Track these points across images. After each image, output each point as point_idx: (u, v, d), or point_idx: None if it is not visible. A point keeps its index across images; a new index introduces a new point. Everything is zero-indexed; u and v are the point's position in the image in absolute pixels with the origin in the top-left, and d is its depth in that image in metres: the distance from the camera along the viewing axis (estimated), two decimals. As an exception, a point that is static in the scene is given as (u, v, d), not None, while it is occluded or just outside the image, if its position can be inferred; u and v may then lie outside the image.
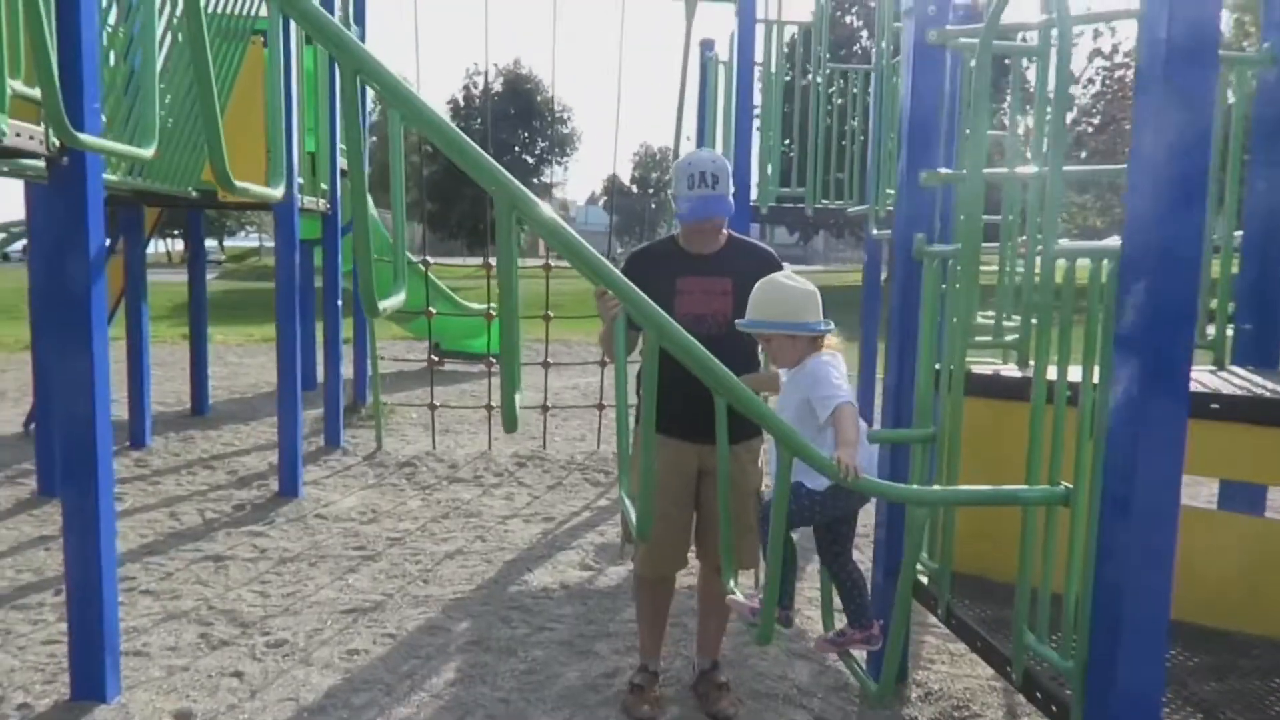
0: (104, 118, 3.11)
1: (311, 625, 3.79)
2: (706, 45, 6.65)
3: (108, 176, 3.66)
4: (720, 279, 2.97)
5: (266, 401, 9.00)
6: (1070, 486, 2.09)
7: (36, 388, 5.90)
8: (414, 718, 3.06)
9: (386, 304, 2.23)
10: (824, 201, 6.81)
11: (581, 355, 11.92)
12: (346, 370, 8.12)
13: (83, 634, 3.02)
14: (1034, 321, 3.04)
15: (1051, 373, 2.23)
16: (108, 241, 5.97)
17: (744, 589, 2.74)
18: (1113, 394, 1.88)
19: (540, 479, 6.35)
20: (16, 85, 2.35)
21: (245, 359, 12.56)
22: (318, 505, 5.55)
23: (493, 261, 8.45)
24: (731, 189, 3.00)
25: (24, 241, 6.64)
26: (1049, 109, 2.97)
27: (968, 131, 2.74)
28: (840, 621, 2.73)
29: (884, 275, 7.07)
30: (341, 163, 6.97)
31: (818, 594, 4.16)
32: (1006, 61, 10.73)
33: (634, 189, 61.62)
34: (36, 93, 2.46)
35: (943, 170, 2.77)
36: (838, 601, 2.69)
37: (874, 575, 3.31)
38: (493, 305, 7.98)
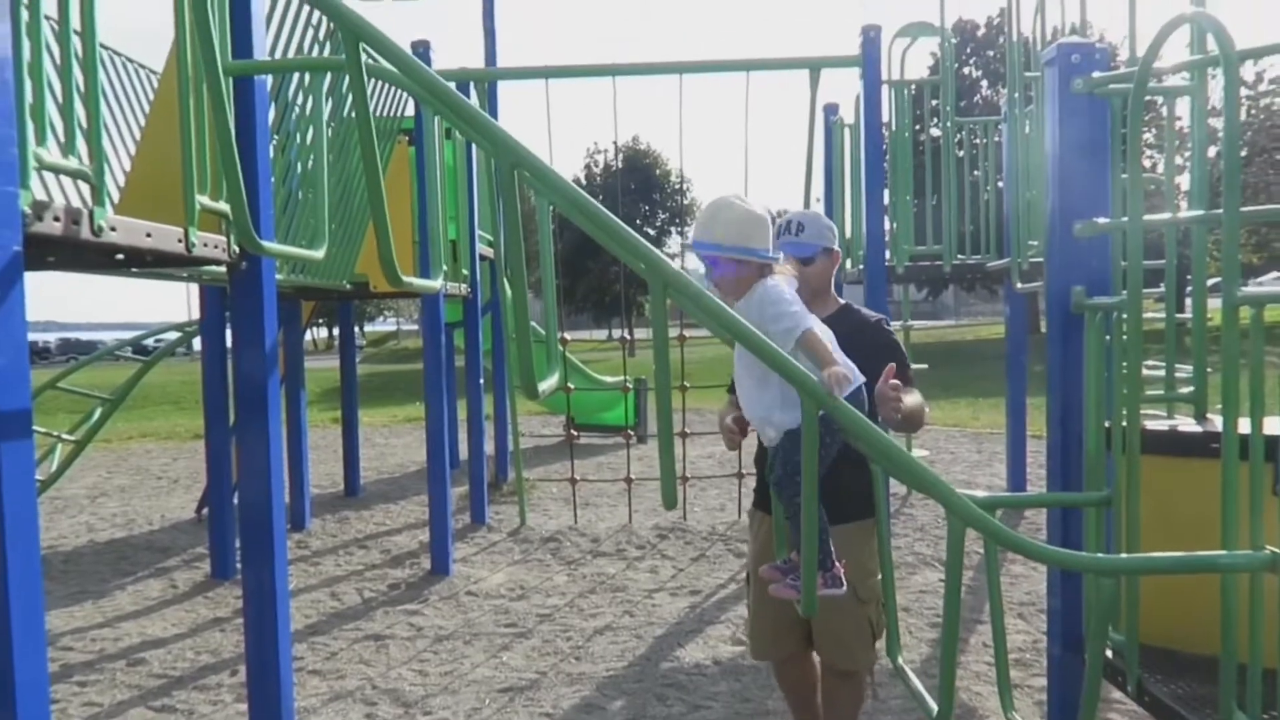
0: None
1: (470, 704, 3.84)
2: (830, 109, 6.68)
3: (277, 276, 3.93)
4: None
5: (414, 481, 9.31)
6: (1277, 551, 1.93)
7: (209, 475, 6.27)
8: (577, 799, 3.04)
9: (544, 386, 2.29)
10: (960, 257, 6.66)
11: (715, 424, 11.86)
12: (487, 447, 8.33)
13: (262, 714, 3.14)
14: (1209, 371, 2.88)
15: (1243, 425, 2.08)
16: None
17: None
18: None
19: (683, 551, 6.30)
20: (204, 200, 2.57)
21: (391, 439, 13.05)
22: (468, 582, 5.66)
23: (628, 336, 8.57)
24: (826, 242, 2.94)
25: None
26: (1207, 148, 2.84)
27: (1124, 177, 2.64)
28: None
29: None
30: (481, 248, 7.26)
31: (985, 669, 3.96)
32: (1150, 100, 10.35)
33: (755, 254, 61.65)
34: (220, 206, 2.67)
35: (1100, 220, 2.67)
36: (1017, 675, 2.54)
37: (1050, 648, 3.12)
38: (628, 379, 8.07)
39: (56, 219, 2.06)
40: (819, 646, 2.94)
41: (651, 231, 41.54)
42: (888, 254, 6.11)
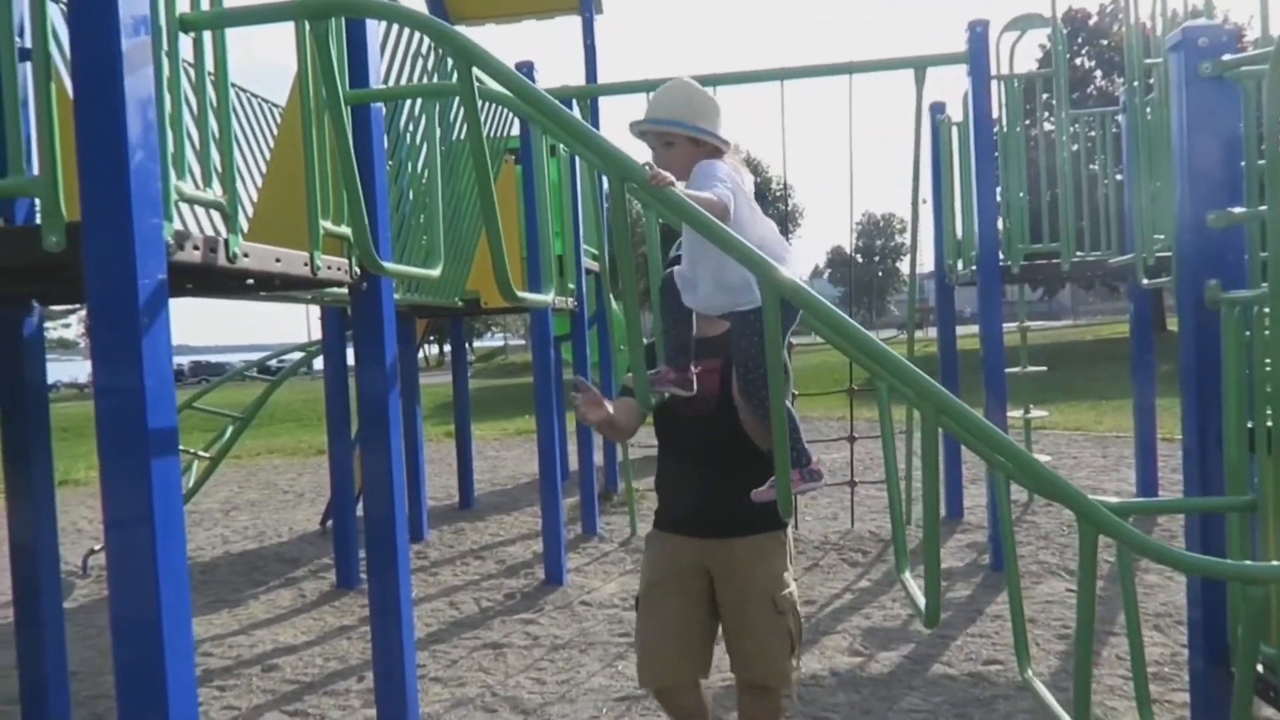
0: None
1: (588, 713, 3.88)
2: (937, 108, 6.53)
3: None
4: (711, 359, 2.65)
5: (526, 492, 9.48)
6: None
7: (333, 488, 6.52)
8: (697, 810, 3.02)
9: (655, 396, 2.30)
10: (1079, 254, 6.40)
11: (824, 431, 11.70)
12: (597, 458, 8.42)
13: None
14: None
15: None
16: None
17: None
18: None
19: (796, 560, 6.21)
20: (328, 225, 2.69)
21: (502, 452, 13.32)
22: (582, 592, 5.72)
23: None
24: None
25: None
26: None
27: (1261, 163, 2.51)
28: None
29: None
30: (586, 262, 7.36)
31: (1119, 682, 3.79)
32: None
33: (859, 258, 60.94)
34: (342, 230, 2.79)
35: (1236, 210, 2.53)
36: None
37: (1192, 662, 2.97)
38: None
39: (196, 248, 2.18)
40: (737, 664, 2.79)
41: (753, 239, 41.41)
42: (1001, 254, 5.93)
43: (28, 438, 3.11)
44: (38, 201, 2.89)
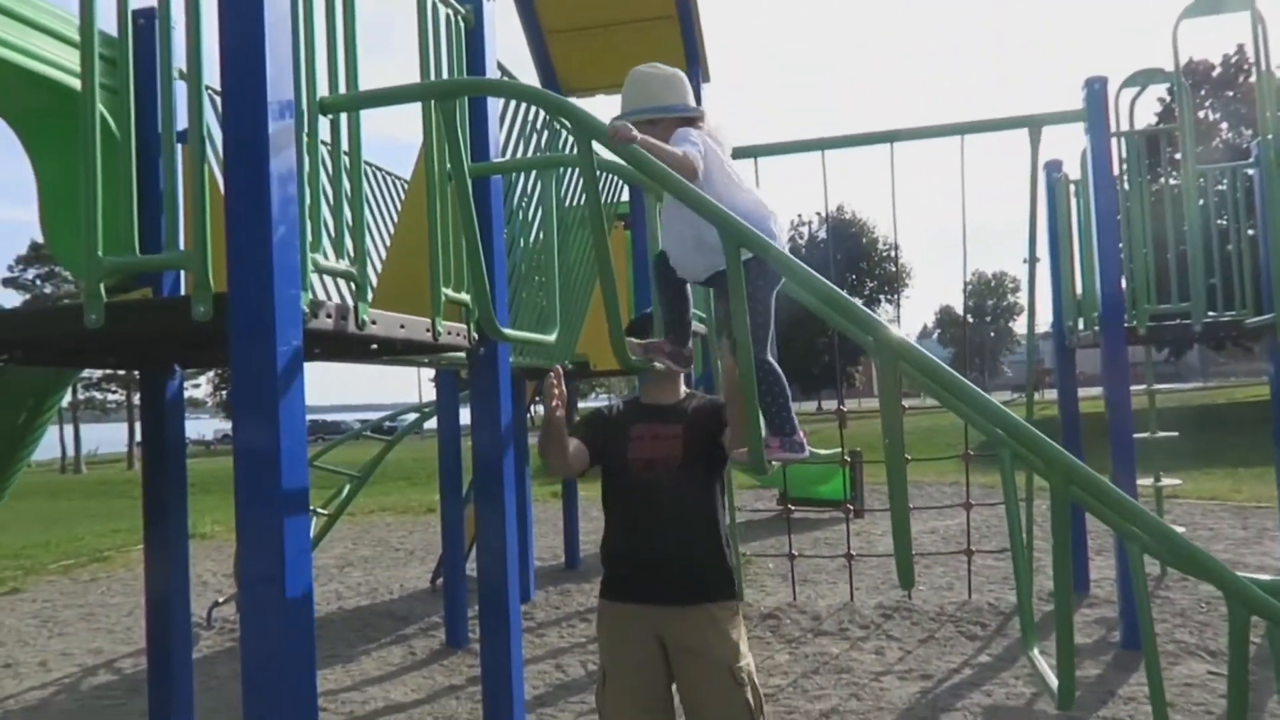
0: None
1: (697, 784, 3.78)
2: (1053, 166, 6.37)
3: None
4: (672, 425, 2.81)
5: (630, 554, 9.44)
6: None
7: (445, 547, 6.64)
8: None
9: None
10: (1211, 314, 6.10)
11: (937, 498, 11.35)
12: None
13: (499, 783, 3.24)
14: None
15: None
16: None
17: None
18: None
19: (910, 632, 6.01)
20: (449, 292, 2.79)
21: (607, 513, 13.33)
22: (688, 658, 5.63)
23: (843, 408, 8.40)
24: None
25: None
26: None
27: None
28: None
29: None
30: (696, 325, 7.39)
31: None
32: None
33: (969, 319, 59.49)
34: (462, 297, 2.89)
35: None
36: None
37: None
38: (847, 451, 7.89)
39: (329, 316, 2.29)
40: None
41: (859, 300, 41.18)
42: (1125, 314, 5.69)
43: (166, 493, 3.29)
44: (181, 273, 3.10)
